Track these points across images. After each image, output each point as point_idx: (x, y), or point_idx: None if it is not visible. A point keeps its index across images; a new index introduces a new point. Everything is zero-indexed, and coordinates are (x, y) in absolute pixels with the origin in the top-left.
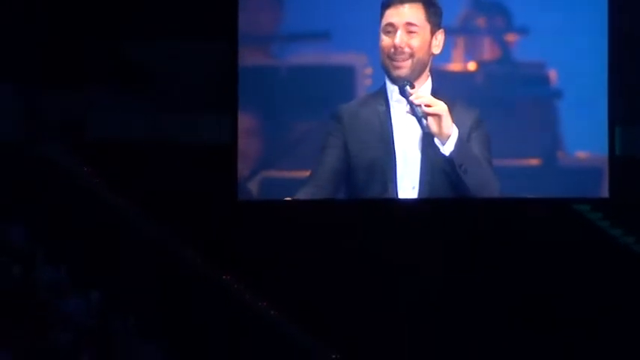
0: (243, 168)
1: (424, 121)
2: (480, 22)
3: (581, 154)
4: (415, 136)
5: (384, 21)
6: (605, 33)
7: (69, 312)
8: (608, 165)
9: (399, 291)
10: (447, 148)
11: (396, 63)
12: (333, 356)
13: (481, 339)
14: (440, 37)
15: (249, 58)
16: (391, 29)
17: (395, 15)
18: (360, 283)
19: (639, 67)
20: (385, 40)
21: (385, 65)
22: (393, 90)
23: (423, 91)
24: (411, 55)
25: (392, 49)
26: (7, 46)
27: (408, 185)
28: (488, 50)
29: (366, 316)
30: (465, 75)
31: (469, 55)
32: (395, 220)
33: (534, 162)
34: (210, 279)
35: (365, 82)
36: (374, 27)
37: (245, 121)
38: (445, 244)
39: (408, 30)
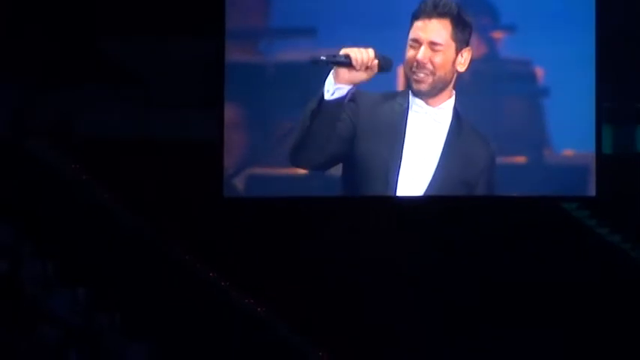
0: (229, 164)
1: None
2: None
3: (568, 151)
4: (429, 149)
5: (411, 34)
6: (593, 30)
7: (56, 309)
8: (595, 163)
9: (392, 288)
10: None
11: (416, 77)
12: (320, 354)
13: (471, 335)
14: (466, 54)
15: (235, 54)
16: (416, 44)
17: (421, 30)
18: (351, 281)
19: (627, 65)
20: (409, 53)
21: (408, 78)
22: (414, 98)
23: (445, 107)
24: (432, 73)
25: (414, 63)
26: None
27: (410, 188)
28: (475, 48)
29: (355, 313)
30: None
31: None
32: (385, 218)
33: (520, 159)
34: (197, 276)
35: None
36: (360, 23)
37: (231, 117)
38: (428, 242)
39: (432, 48)
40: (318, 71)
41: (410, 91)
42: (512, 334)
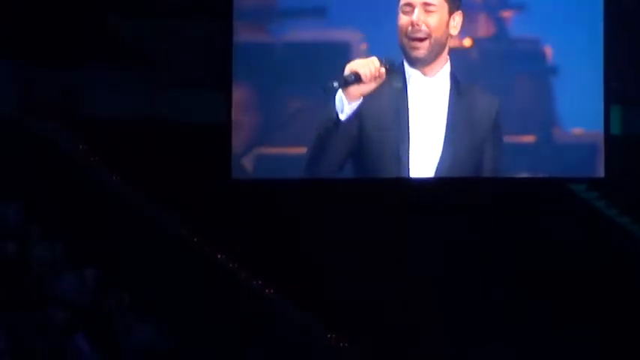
0: (237, 145)
1: None
2: None
3: (577, 130)
4: (434, 119)
5: (402, 0)
6: (602, 9)
7: (64, 290)
8: (603, 144)
9: (403, 270)
10: None
11: (413, 43)
12: (329, 335)
13: (483, 317)
14: (457, 18)
15: (244, 34)
16: (409, 8)
17: None
18: (361, 264)
19: (635, 44)
20: (403, 19)
21: (403, 45)
22: (410, 70)
23: (442, 74)
24: (429, 35)
25: (409, 27)
26: (3, 22)
27: (421, 169)
28: (484, 26)
29: (365, 296)
30: (460, 51)
31: (464, 32)
32: (395, 199)
33: (529, 139)
34: (205, 258)
35: (360, 59)
36: (370, 3)
37: (240, 97)
38: (437, 224)
39: (426, 9)
40: (327, 51)
41: (405, 67)
42: (521, 316)
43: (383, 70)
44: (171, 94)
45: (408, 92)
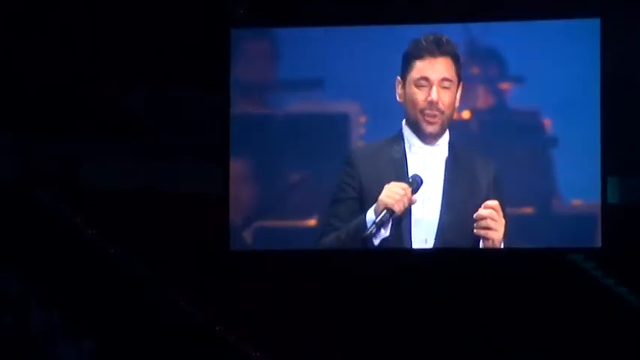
0: (236, 217)
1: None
2: (475, 70)
3: (576, 201)
4: (432, 187)
5: (417, 74)
6: (598, 81)
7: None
8: (600, 214)
9: (406, 344)
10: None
11: (429, 119)
12: None
13: None
14: (460, 90)
15: (242, 106)
16: (425, 83)
17: (429, 69)
18: (364, 338)
19: (633, 116)
20: (418, 94)
21: (416, 119)
22: (411, 139)
23: (441, 142)
24: (443, 112)
25: (426, 104)
26: (2, 94)
27: (421, 237)
28: (483, 98)
29: None
30: (459, 123)
31: (463, 104)
32: (395, 271)
33: (528, 210)
34: (204, 330)
35: (359, 131)
36: (367, 75)
37: (238, 169)
38: (434, 294)
39: (443, 85)
40: (326, 122)
41: (405, 134)
42: None
43: (414, 197)
44: (169, 165)
45: (408, 161)
